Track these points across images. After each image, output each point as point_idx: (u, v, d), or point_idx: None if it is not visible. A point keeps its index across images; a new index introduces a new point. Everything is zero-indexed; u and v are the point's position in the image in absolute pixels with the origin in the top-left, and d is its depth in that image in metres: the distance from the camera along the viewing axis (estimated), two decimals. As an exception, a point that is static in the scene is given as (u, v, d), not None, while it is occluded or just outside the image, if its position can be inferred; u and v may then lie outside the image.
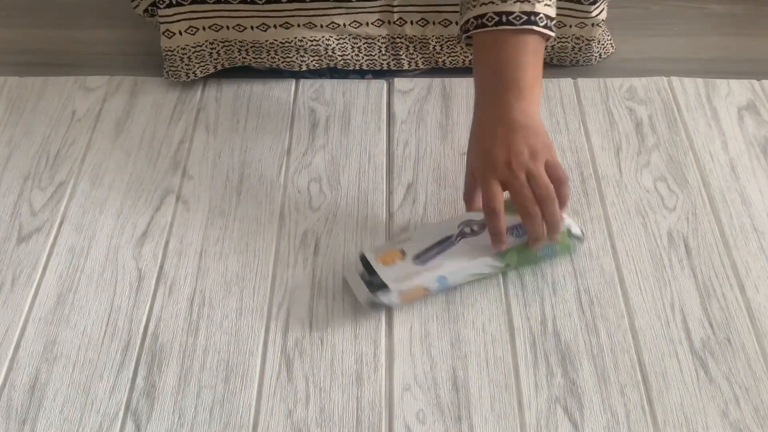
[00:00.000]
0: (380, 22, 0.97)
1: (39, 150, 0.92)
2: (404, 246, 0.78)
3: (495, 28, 0.77)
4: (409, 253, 0.77)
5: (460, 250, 0.77)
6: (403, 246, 0.78)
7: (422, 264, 0.76)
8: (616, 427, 0.69)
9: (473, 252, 0.77)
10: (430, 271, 0.76)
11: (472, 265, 0.77)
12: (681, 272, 0.80)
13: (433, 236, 0.78)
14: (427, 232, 0.79)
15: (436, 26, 0.98)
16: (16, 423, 0.70)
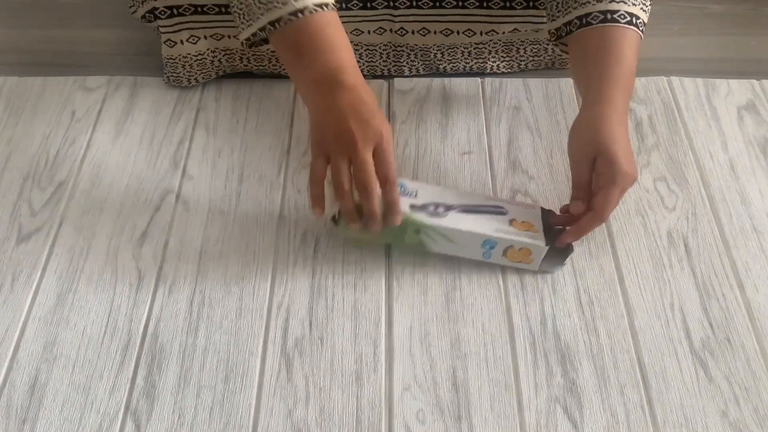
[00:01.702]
0: (381, 30, 0.97)
1: (39, 150, 0.92)
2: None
3: (601, 24, 0.80)
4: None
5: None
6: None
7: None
8: (616, 427, 0.69)
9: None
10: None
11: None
12: (681, 272, 0.80)
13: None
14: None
15: (437, 35, 0.98)
16: (16, 423, 0.70)
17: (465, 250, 0.79)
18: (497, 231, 0.77)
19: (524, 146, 0.92)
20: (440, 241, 0.78)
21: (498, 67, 1.02)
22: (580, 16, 0.81)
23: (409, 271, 0.81)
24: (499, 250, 0.78)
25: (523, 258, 0.78)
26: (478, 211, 0.79)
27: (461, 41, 0.98)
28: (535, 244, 0.77)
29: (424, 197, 0.78)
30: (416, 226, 0.76)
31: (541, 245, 0.77)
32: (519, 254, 0.78)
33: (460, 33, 0.97)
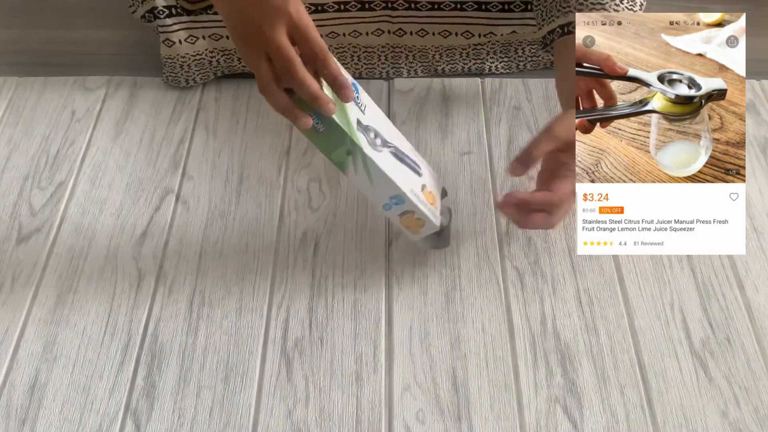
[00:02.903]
0: (380, 32, 0.97)
1: (39, 150, 0.92)
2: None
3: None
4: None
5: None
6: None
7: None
8: (616, 427, 0.69)
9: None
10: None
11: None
12: (681, 272, 0.80)
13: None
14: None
15: (436, 36, 0.98)
16: (16, 423, 0.70)
17: (373, 194, 0.74)
18: (411, 192, 0.74)
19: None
20: (361, 173, 0.72)
21: (496, 67, 1.02)
22: (562, 24, 0.81)
23: (409, 271, 0.81)
24: (400, 209, 0.74)
25: (413, 227, 0.76)
26: (404, 161, 0.75)
27: (459, 43, 0.98)
28: (431, 221, 0.75)
29: (370, 118, 0.73)
30: (353, 147, 0.70)
31: (435, 225, 0.76)
32: (413, 222, 0.75)
33: (458, 35, 0.98)
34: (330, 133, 0.70)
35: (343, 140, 0.70)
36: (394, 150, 0.74)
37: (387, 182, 0.72)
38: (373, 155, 0.71)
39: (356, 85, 0.72)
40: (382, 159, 0.72)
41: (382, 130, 0.74)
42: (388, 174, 0.72)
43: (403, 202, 0.74)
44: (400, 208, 0.74)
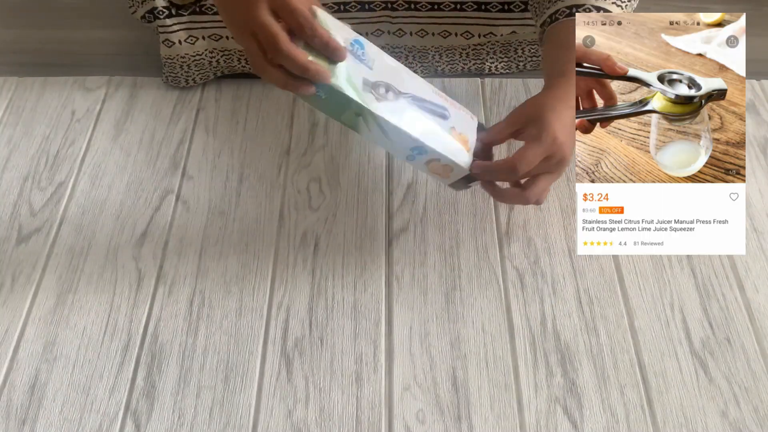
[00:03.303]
0: (380, 32, 0.97)
1: (39, 150, 0.92)
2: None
3: (566, 19, 0.79)
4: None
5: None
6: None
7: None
8: (616, 427, 0.69)
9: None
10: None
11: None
12: (681, 272, 0.80)
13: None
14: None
15: (436, 37, 0.98)
16: (16, 423, 0.70)
17: (393, 148, 0.74)
18: (434, 139, 0.72)
19: (524, 146, 0.92)
20: (376, 131, 0.71)
21: (496, 68, 1.02)
22: (551, 14, 0.81)
23: (409, 271, 0.81)
24: (424, 158, 0.73)
25: (443, 173, 0.75)
26: (424, 107, 0.73)
27: (459, 43, 0.98)
28: (459, 165, 0.73)
29: (379, 72, 0.71)
30: (360, 109, 0.69)
31: (464, 168, 0.73)
32: (441, 168, 0.74)
33: (458, 35, 0.98)
34: (333, 99, 0.69)
35: (349, 104, 0.69)
36: (411, 99, 0.72)
37: (404, 135, 0.71)
38: (384, 112, 0.70)
39: (360, 41, 0.71)
40: (394, 113, 0.70)
41: (395, 80, 0.72)
42: (403, 127, 0.71)
43: (426, 152, 0.72)
44: (424, 157, 0.73)
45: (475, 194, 0.87)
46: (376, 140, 0.73)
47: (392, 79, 0.72)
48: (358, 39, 0.71)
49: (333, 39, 0.68)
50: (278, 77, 0.68)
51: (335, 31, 0.69)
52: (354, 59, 0.70)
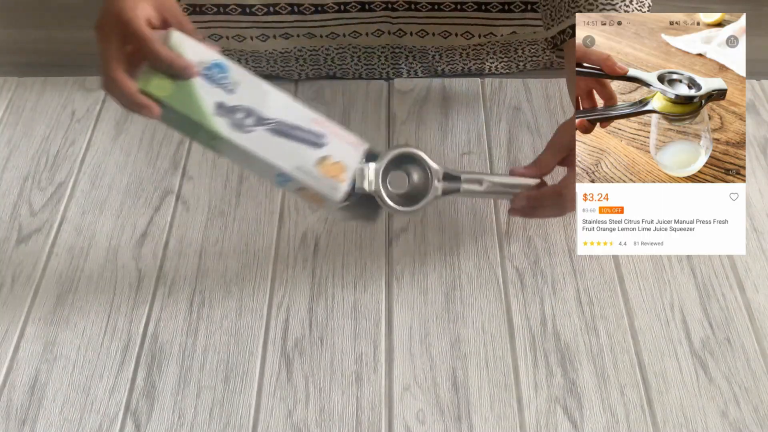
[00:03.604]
0: (380, 32, 0.97)
1: (39, 150, 0.92)
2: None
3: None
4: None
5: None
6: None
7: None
8: (616, 427, 0.69)
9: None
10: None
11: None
12: (681, 272, 0.80)
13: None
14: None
15: (436, 37, 0.98)
16: (16, 423, 0.70)
17: (259, 171, 0.71)
18: (297, 169, 0.69)
19: (524, 146, 0.92)
20: (233, 154, 0.70)
21: (496, 68, 1.02)
22: (572, 25, 0.81)
23: (409, 271, 0.81)
24: (293, 186, 0.71)
25: (314, 201, 0.72)
26: (292, 135, 0.70)
27: (459, 43, 0.98)
28: (329, 196, 0.70)
29: (241, 97, 0.69)
30: (212, 134, 0.68)
31: (335, 199, 0.70)
32: (312, 197, 0.72)
33: (458, 35, 0.98)
34: (182, 122, 0.68)
35: (198, 128, 0.68)
36: (276, 126, 0.70)
37: (262, 162, 0.69)
38: (238, 137, 0.68)
39: (222, 64, 0.69)
40: (251, 139, 0.68)
41: (260, 105, 0.70)
42: (260, 154, 0.68)
43: (290, 180, 0.70)
44: (291, 184, 0.71)
45: (475, 194, 0.87)
46: (241, 164, 0.71)
47: (256, 103, 0.70)
48: (220, 62, 0.69)
49: (178, 59, 0.66)
50: (123, 89, 0.66)
51: (191, 52, 0.68)
52: (208, 83, 0.68)
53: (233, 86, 0.69)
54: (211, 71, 0.69)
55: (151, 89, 0.66)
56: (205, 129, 0.68)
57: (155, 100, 0.67)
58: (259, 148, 0.69)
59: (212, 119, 0.68)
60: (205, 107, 0.68)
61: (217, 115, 0.68)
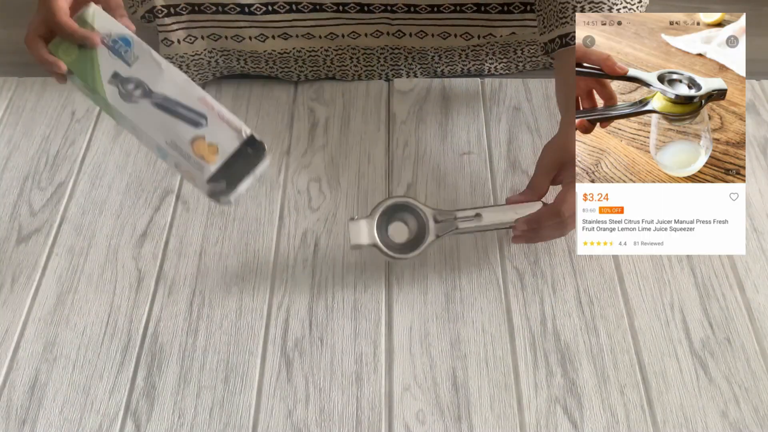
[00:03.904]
0: (379, 33, 0.97)
1: (39, 150, 0.92)
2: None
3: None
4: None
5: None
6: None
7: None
8: (616, 427, 0.69)
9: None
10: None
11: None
12: (680, 272, 0.80)
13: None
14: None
15: (435, 38, 0.98)
16: (16, 423, 0.70)
17: (146, 144, 0.75)
18: (171, 145, 0.73)
19: (524, 146, 0.92)
20: (122, 121, 0.74)
21: (496, 68, 1.02)
22: (561, 35, 0.81)
23: (409, 271, 0.81)
24: (170, 160, 0.74)
25: (188, 177, 0.74)
26: (174, 111, 0.73)
27: (459, 44, 0.98)
28: (196, 176, 0.73)
29: (136, 70, 0.74)
30: (101, 99, 0.74)
31: (200, 176, 0.72)
32: (186, 173, 0.74)
33: (457, 36, 0.98)
34: (83, 87, 0.74)
35: (92, 93, 0.74)
36: (161, 101, 0.73)
37: (143, 135, 0.74)
38: (123, 106, 0.73)
39: (128, 39, 0.74)
40: (134, 110, 0.73)
41: (151, 80, 0.74)
42: (139, 125, 0.73)
43: (166, 155, 0.74)
44: (169, 158, 0.74)
45: (474, 194, 0.87)
46: (134, 135, 0.76)
47: (148, 78, 0.74)
48: (126, 37, 0.74)
49: (79, 31, 0.73)
50: (34, 53, 0.74)
51: (102, 25, 0.74)
52: (111, 54, 0.74)
53: (132, 60, 0.74)
54: (116, 44, 0.74)
55: (59, 54, 0.74)
56: (98, 94, 0.74)
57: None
58: (139, 119, 0.73)
59: (103, 86, 0.74)
60: (101, 75, 0.74)
61: (110, 83, 0.73)
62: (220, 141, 0.73)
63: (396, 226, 0.79)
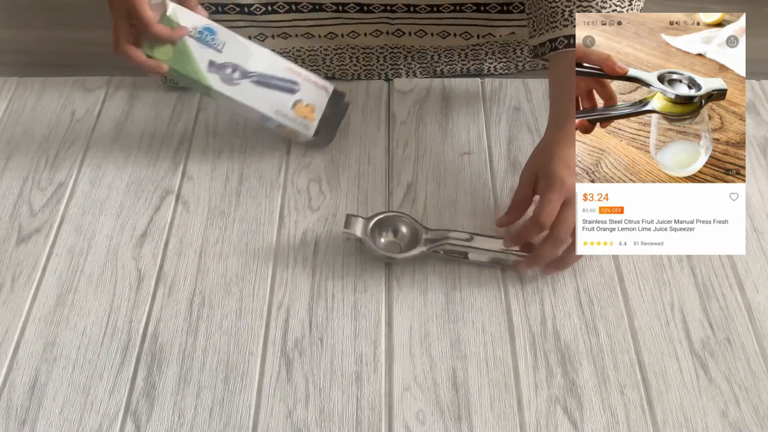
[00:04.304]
0: (378, 33, 0.97)
1: (39, 150, 0.92)
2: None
3: (565, 50, 0.80)
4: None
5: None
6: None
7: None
8: (616, 427, 0.69)
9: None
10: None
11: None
12: (680, 272, 0.80)
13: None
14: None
15: (434, 37, 0.98)
16: (16, 423, 0.70)
17: (245, 115, 0.89)
18: (276, 113, 0.86)
19: (524, 146, 0.92)
20: (225, 103, 0.87)
21: (495, 68, 1.02)
22: (551, 39, 0.82)
23: (409, 271, 0.81)
24: (273, 124, 0.87)
25: (292, 136, 0.89)
26: (271, 84, 0.86)
27: (458, 43, 0.98)
28: (302, 132, 0.88)
29: (228, 55, 0.84)
30: (206, 87, 0.84)
31: (307, 134, 0.88)
32: (290, 132, 0.89)
33: (456, 35, 0.98)
34: (183, 79, 0.85)
35: (195, 82, 0.84)
36: (258, 77, 0.85)
37: (249, 108, 0.86)
38: (228, 90, 0.85)
39: (212, 28, 0.84)
40: (239, 91, 0.85)
41: (244, 61, 0.85)
42: (246, 103, 0.85)
43: (271, 120, 0.87)
44: (272, 123, 0.87)
45: (474, 194, 0.87)
46: (232, 109, 0.89)
47: (241, 60, 0.85)
48: (210, 26, 0.84)
49: (171, 35, 0.81)
50: (134, 59, 0.81)
51: (185, 20, 0.83)
52: (201, 44, 0.83)
53: (221, 46, 0.84)
54: (202, 34, 0.84)
55: (156, 55, 0.82)
56: (201, 84, 0.84)
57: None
58: (245, 98, 0.85)
59: (206, 76, 0.84)
60: (200, 66, 0.84)
61: (210, 71, 0.84)
62: (313, 100, 0.88)
63: (389, 239, 0.82)
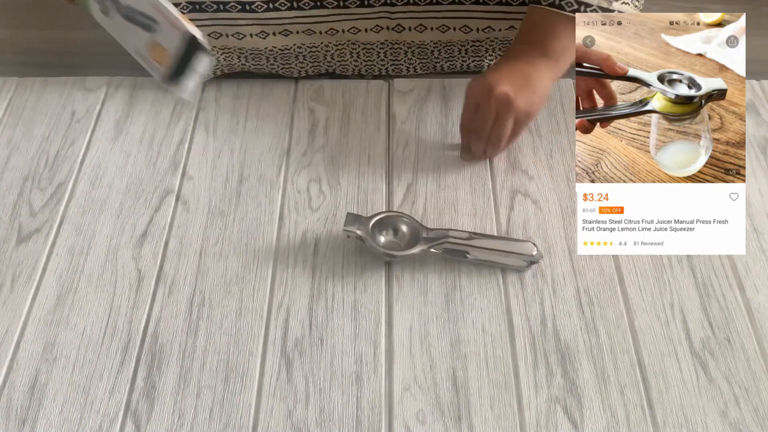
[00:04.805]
0: (378, 28, 0.98)
1: (38, 150, 0.92)
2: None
3: (545, 7, 0.85)
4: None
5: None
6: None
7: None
8: (616, 427, 0.69)
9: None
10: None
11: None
12: (681, 272, 0.80)
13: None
14: None
15: (434, 32, 0.98)
16: (16, 423, 0.70)
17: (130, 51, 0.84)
18: (136, 52, 0.82)
19: (524, 146, 0.92)
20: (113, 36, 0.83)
21: (496, 65, 1.02)
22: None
23: (409, 271, 0.81)
24: (146, 66, 0.82)
25: (151, 73, 0.83)
26: (136, 20, 0.81)
27: (458, 38, 0.99)
28: (156, 75, 0.81)
29: None
30: (87, 7, 0.83)
31: (156, 77, 0.81)
32: (148, 71, 0.82)
33: (456, 29, 0.98)
34: (84, 8, 0.83)
35: (84, 6, 0.83)
36: (126, 11, 0.80)
37: (122, 44, 0.83)
38: (103, 20, 0.83)
39: None
40: (110, 23, 0.82)
41: None
42: (115, 37, 0.83)
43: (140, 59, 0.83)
44: (144, 63, 0.83)
45: (474, 194, 0.87)
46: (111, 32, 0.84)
47: None
48: None
49: None
50: None
51: None
52: None
53: None
54: None
55: None
56: (89, 12, 0.83)
57: None
58: (114, 31, 0.83)
59: (89, 4, 0.83)
60: None
61: (95, 0, 0.82)
62: (168, 44, 0.80)
63: (389, 239, 0.82)
